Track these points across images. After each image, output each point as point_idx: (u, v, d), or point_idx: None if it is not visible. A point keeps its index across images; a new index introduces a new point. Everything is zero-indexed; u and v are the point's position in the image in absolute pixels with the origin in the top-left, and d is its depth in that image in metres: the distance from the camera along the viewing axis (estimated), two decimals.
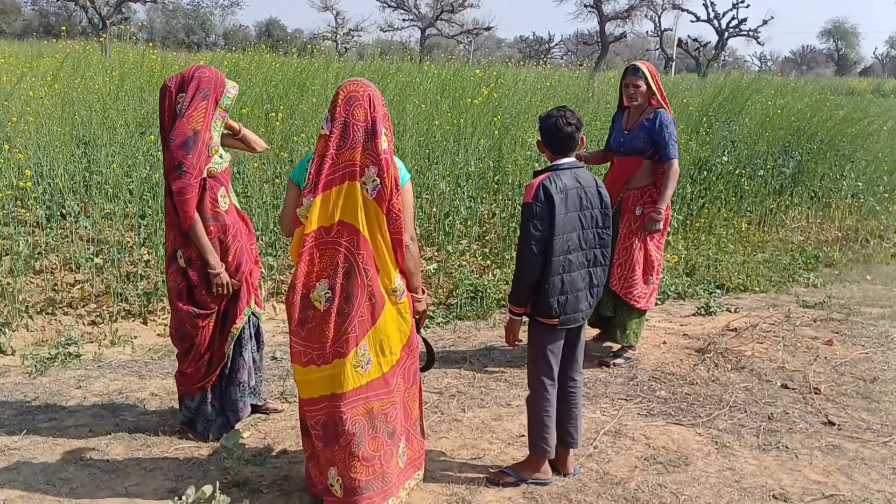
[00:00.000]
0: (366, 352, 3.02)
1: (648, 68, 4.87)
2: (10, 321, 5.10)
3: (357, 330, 2.98)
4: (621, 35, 26.57)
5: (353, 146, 2.92)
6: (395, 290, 3.07)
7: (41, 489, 3.31)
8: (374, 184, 2.94)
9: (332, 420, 3.03)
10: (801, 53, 67.30)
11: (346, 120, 2.92)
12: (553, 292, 3.24)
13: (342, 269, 2.94)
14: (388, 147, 2.99)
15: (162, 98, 3.62)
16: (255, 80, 9.09)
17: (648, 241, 4.89)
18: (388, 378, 3.10)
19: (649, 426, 4.13)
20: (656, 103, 4.83)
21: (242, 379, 3.84)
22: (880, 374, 4.96)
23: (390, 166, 2.96)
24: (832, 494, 3.48)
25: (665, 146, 4.74)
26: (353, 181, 2.93)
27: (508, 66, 16.68)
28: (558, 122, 3.30)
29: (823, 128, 10.19)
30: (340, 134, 2.92)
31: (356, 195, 2.93)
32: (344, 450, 3.03)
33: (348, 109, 2.93)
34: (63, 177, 5.99)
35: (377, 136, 2.92)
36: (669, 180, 4.76)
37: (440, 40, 37.50)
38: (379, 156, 2.93)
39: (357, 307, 2.97)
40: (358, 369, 3.01)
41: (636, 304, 4.93)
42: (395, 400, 3.14)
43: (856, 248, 8.79)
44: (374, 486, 3.08)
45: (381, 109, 2.97)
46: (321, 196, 2.93)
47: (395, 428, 3.14)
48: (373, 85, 3.03)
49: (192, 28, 46.81)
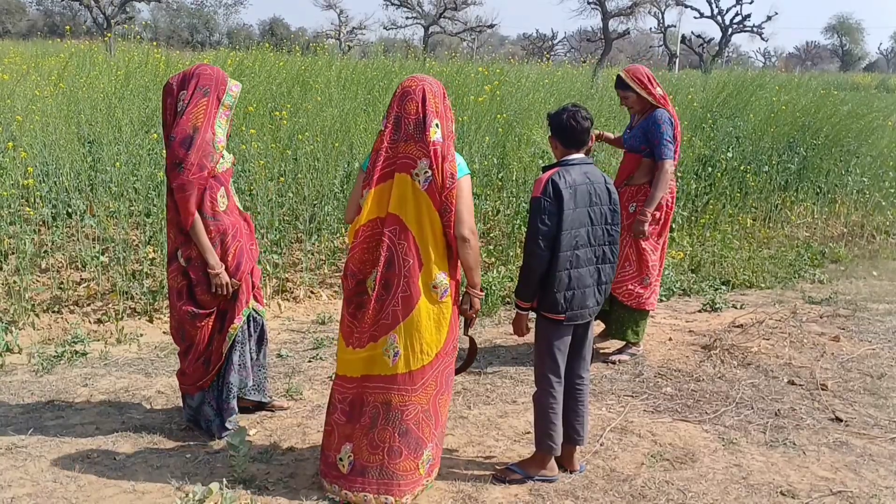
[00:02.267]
0: (394, 342, 3.08)
1: (633, 74, 4.82)
2: (16, 319, 5.11)
3: (390, 318, 3.07)
4: (625, 32, 26.41)
5: (405, 139, 3.02)
6: (436, 287, 3.08)
7: (48, 487, 3.31)
8: (425, 175, 3.01)
9: (358, 400, 3.17)
10: (805, 49, 67.02)
11: (399, 114, 3.04)
12: (560, 287, 3.24)
13: (384, 256, 3.04)
14: (444, 139, 3.04)
15: (164, 96, 3.63)
16: (258, 79, 9.09)
17: (641, 241, 4.86)
18: (416, 377, 3.11)
19: (655, 423, 4.12)
20: (658, 103, 4.82)
21: (230, 380, 3.78)
22: (888, 371, 4.94)
23: (442, 158, 3.01)
24: (840, 491, 3.47)
25: (658, 146, 4.70)
26: (404, 172, 3.02)
27: (512, 63, 16.66)
28: (576, 116, 3.32)
29: (828, 123, 10.15)
30: (394, 128, 3.04)
31: (406, 186, 3.02)
32: (363, 429, 3.15)
33: (401, 104, 3.04)
34: (68, 175, 6.00)
35: (427, 128, 3.00)
36: (659, 182, 4.68)
37: (443, 38, 37.47)
38: (429, 147, 2.99)
39: (392, 296, 3.06)
40: (385, 358, 3.10)
41: (625, 301, 4.90)
42: (419, 400, 3.14)
43: (862, 244, 8.76)
44: (378, 474, 3.14)
45: (434, 102, 3.04)
46: (375, 189, 3.05)
47: (409, 428, 3.14)
48: (431, 79, 3.11)
49: (196, 27, 46.80)
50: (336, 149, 6.92)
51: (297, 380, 4.61)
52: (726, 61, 33.72)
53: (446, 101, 3.12)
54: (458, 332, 3.28)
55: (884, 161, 10.43)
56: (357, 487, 3.16)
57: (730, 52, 41.51)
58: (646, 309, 4.97)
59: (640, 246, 4.86)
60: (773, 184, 8.95)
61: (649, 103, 4.80)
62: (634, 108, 4.87)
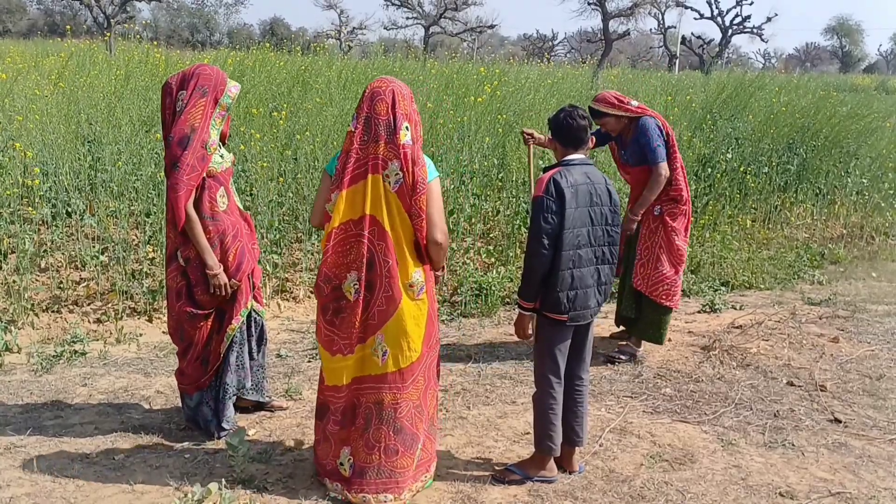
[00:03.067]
0: (382, 342, 3.10)
1: (603, 101, 4.85)
2: (15, 319, 5.11)
3: (376, 318, 3.09)
4: (625, 32, 26.42)
5: (375, 140, 3.01)
6: (412, 285, 3.11)
7: (47, 486, 3.31)
8: (396, 177, 3.01)
9: (350, 405, 3.18)
10: (805, 50, 67.03)
11: (369, 115, 3.02)
12: (563, 287, 3.24)
13: (366, 259, 3.04)
14: (413, 142, 3.04)
15: (163, 96, 3.62)
16: (258, 79, 9.09)
17: (671, 234, 4.89)
18: (406, 374, 3.14)
19: (655, 424, 4.12)
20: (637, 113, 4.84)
21: (227, 380, 3.78)
22: (886, 372, 4.94)
23: (412, 161, 3.01)
24: (838, 492, 3.47)
25: (648, 151, 4.79)
26: (376, 174, 3.02)
27: (512, 63, 16.66)
28: (572, 115, 3.36)
29: (828, 124, 10.15)
30: (364, 129, 3.03)
31: (380, 188, 3.02)
32: (358, 431, 3.16)
33: (371, 105, 3.03)
34: (68, 175, 6.00)
35: (397, 130, 3.00)
36: (652, 185, 4.79)
37: (444, 38, 37.45)
38: (399, 149, 3.00)
39: (376, 296, 3.07)
40: (375, 357, 3.11)
41: (663, 302, 4.91)
42: (410, 397, 3.17)
43: (861, 245, 8.77)
44: (376, 473, 3.16)
45: (403, 105, 3.03)
46: (347, 191, 3.04)
47: (403, 426, 3.16)
48: (399, 82, 3.10)
49: (197, 27, 46.80)
50: (336, 149, 6.92)
51: (297, 380, 4.61)
52: (726, 62, 33.72)
53: (413, 105, 3.11)
54: (438, 325, 3.31)
55: (883, 162, 10.43)
56: (357, 489, 3.18)
57: (730, 54, 41.52)
58: (675, 307, 5.01)
59: (673, 244, 4.88)
60: (773, 185, 8.95)
61: (629, 119, 4.87)
62: (617, 129, 4.93)
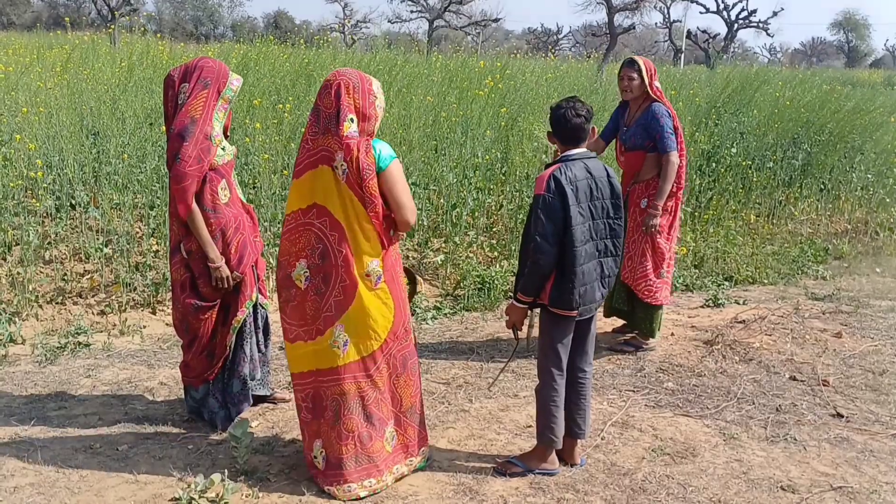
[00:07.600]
0: (342, 332, 3.12)
1: (645, 63, 4.87)
2: (20, 311, 5.13)
3: (333, 310, 3.11)
4: (630, 27, 26.30)
5: (324, 132, 3.07)
6: (369, 275, 3.11)
7: (51, 477, 3.33)
8: (342, 168, 3.05)
9: (317, 394, 3.20)
10: (811, 45, 66.73)
11: (318, 107, 3.10)
12: (577, 283, 3.21)
13: (317, 249, 3.09)
14: (360, 133, 3.06)
15: (166, 88, 3.63)
16: (262, 72, 9.08)
17: (655, 236, 4.88)
18: (368, 363, 3.16)
19: (657, 417, 4.13)
20: (654, 95, 4.83)
21: (243, 372, 3.80)
22: (889, 367, 4.94)
23: (355, 151, 3.02)
24: (840, 486, 3.47)
25: (661, 139, 4.72)
26: (326, 165, 3.06)
27: (516, 56, 16.61)
28: (567, 114, 3.29)
29: (833, 119, 10.11)
30: (314, 121, 3.10)
31: (329, 178, 3.06)
32: (328, 423, 3.18)
33: (321, 98, 3.10)
34: (72, 167, 6.01)
35: (341, 122, 3.04)
36: (667, 174, 4.72)
37: (448, 32, 37.31)
38: (342, 140, 3.03)
39: (332, 287, 3.10)
40: (335, 349, 3.13)
41: (644, 299, 4.92)
42: (375, 384, 3.19)
43: (865, 241, 8.74)
44: (355, 462, 3.18)
45: (351, 97, 3.05)
46: (297, 181, 3.12)
47: (371, 412, 3.19)
48: (353, 72, 3.13)
49: (201, 19, 46.76)
50: None
51: None
52: (732, 57, 33.58)
53: (369, 97, 3.09)
54: (407, 314, 3.29)
55: (888, 158, 10.39)
56: (337, 481, 3.19)
57: (735, 48, 41.35)
58: (660, 304, 5.00)
59: (655, 241, 4.87)
60: (777, 180, 8.93)
61: (646, 93, 4.83)
62: (633, 93, 4.87)
